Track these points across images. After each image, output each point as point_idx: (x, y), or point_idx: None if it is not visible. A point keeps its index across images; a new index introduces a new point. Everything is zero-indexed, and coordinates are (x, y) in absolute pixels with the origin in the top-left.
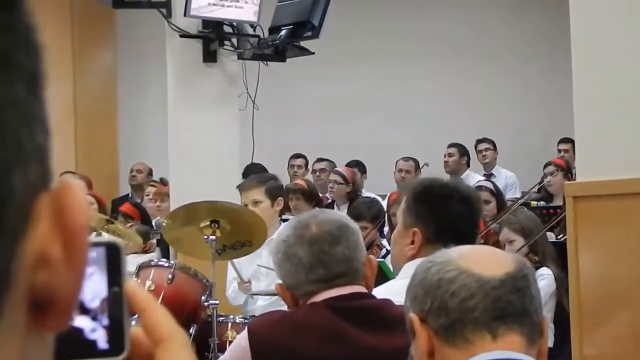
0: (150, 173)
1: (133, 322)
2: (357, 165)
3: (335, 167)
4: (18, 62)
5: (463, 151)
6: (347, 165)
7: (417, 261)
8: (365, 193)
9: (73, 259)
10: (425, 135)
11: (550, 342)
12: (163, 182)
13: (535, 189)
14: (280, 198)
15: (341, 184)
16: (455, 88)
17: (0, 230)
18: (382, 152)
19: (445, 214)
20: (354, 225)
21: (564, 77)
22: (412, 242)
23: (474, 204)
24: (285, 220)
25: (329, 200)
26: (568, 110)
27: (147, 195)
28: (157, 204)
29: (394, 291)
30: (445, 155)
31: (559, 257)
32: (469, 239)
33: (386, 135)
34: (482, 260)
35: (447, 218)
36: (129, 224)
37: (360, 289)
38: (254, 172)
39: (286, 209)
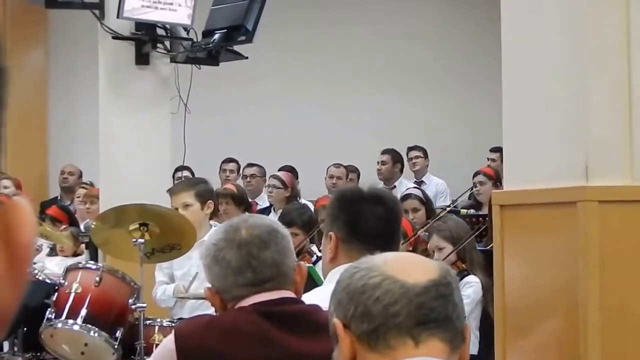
0: (81, 175)
1: None
2: (290, 171)
3: (265, 172)
4: None
5: (397, 158)
6: (280, 170)
7: (343, 267)
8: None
9: (15, 274)
10: (359, 141)
11: (474, 349)
12: (92, 185)
13: (464, 197)
14: (210, 201)
15: (280, 188)
16: (387, 95)
17: None
18: (315, 158)
19: (354, 213)
20: (284, 230)
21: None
22: None
23: (386, 204)
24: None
25: (265, 205)
26: (499, 119)
27: (78, 197)
28: (87, 206)
29: (323, 297)
30: (378, 163)
31: (487, 265)
32: (385, 239)
33: (320, 141)
34: (406, 267)
35: (357, 217)
36: (62, 227)
37: (289, 294)
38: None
39: (215, 213)
